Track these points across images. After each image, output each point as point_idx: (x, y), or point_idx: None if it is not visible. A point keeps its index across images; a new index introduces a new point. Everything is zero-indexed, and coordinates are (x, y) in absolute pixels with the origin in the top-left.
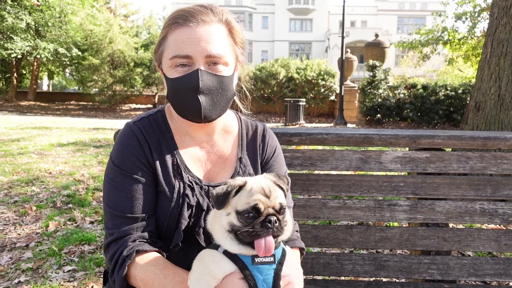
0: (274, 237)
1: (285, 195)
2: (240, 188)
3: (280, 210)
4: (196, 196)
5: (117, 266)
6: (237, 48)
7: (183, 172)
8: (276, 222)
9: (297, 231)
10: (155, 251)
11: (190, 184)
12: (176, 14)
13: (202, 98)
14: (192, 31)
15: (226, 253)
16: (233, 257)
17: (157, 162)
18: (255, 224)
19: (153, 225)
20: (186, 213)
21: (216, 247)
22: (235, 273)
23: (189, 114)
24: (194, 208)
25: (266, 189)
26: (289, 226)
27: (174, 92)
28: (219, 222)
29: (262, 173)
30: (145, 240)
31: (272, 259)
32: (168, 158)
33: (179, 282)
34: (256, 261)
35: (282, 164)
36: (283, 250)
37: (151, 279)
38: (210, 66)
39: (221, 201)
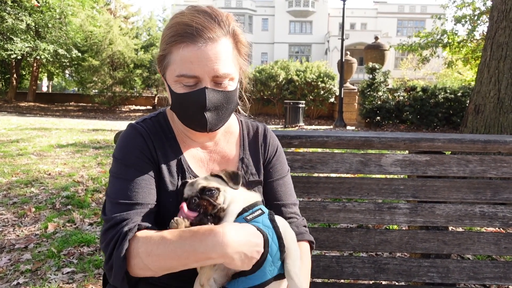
0: (204, 213)
1: (227, 184)
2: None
3: (202, 192)
4: None
5: (116, 244)
6: (242, 60)
7: (186, 172)
8: (195, 200)
9: (305, 226)
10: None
11: None
12: (182, 30)
13: (208, 115)
14: (200, 52)
15: None
16: None
17: (161, 161)
18: None
19: (152, 219)
20: None
21: None
22: None
23: (195, 127)
24: None
25: (193, 181)
26: (245, 197)
27: (179, 106)
28: None
29: (264, 172)
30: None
31: (260, 211)
32: (172, 159)
33: (188, 237)
34: (249, 218)
35: (284, 163)
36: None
37: (156, 246)
38: (216, 84)
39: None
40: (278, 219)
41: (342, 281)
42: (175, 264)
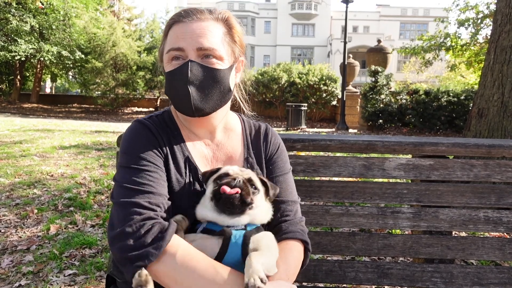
0: (241, 197)
1: (267, 191)
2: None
3: (249, 181)
4: None
5: (156, 235)
6: (235, 47)
7: (197, 170)
8: (241, 182)
9: (302, 226)
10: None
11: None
12: (174, 14)
13: (191, 89)
14: (186, 26)
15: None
16: (209, 232)
17: (170, 158)
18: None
19: (171, 212)
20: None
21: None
22: None
23: (182, 106)
24: None
25: (242, 168)
26: (266, 211)
27: (168, 85)
28: (204, 198)
29: (266, 170)
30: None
31: (243, 227)
32: (179, 157)
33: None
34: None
35: (286, 161)
36: (258, 228)
37: (186, 275)
38: (203, 59)
39: (206, 178)
40: (263, 233)
41: (345, 285)
42: None
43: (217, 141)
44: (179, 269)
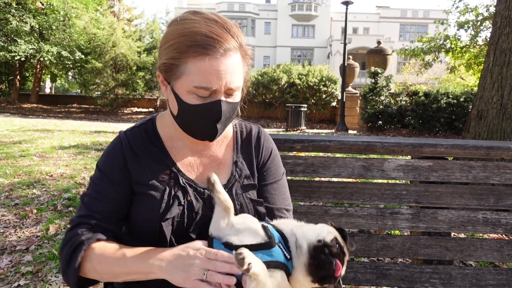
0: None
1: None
2: None
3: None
4: (189, 197)
5: (72, 254)
6: (246, 68)
7: (179, 178)
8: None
9: None
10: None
11: (184, 186)
12: (201, 40)
13: (219, 126)
14: (219, 64)
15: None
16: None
17: (145, 172)
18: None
19: (112, 228)
20: (175, 214)
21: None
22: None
23: (200, 137)
24: (185, 209)
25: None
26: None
27: (190, 117)
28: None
29: (258, 175)
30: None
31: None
32: (160, 167)
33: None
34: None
35: (279, 166)
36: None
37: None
38: (227, 95)
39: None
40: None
41: (344, 286)
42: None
43: (206, 147)
44: (96, 259)
